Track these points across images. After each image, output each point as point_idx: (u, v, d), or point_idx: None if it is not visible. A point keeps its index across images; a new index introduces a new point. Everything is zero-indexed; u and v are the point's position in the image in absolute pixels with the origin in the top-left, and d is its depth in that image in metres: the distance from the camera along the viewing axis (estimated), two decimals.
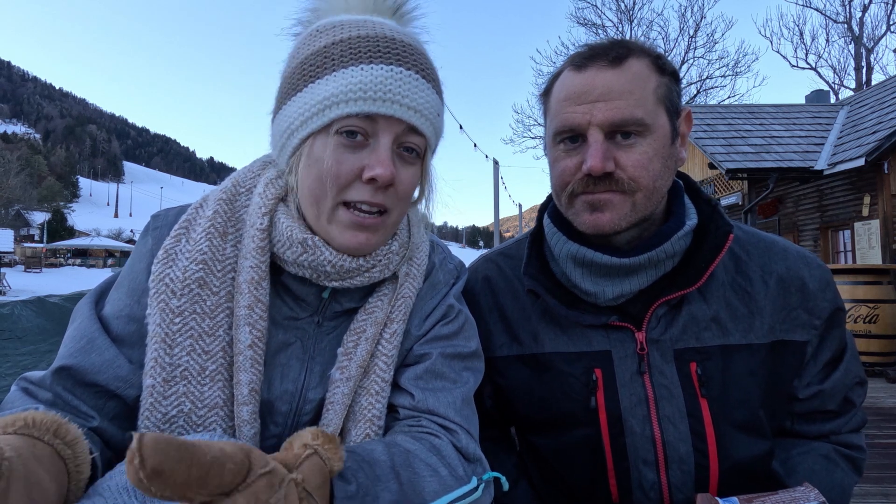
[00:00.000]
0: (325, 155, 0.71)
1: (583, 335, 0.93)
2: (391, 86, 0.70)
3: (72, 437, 0.56)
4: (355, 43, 0.72)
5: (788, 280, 0.92)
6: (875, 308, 6.18)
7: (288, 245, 0.74)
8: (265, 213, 0.76)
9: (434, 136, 0.78)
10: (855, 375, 0.96)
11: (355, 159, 0.71)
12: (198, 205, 0.81)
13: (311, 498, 0.51)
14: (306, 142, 0.73)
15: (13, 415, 0.54)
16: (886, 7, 23.08)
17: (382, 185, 0.71)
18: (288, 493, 0.48)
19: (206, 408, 0.71)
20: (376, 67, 0.70)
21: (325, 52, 0.73)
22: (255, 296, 0.73)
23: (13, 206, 73.59)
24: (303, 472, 0.52)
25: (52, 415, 0.56)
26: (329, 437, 0.58)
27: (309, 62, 0.74)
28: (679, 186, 0.99)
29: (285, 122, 0.75)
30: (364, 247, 0.74)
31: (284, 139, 0.76)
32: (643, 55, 0.87)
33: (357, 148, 0.71)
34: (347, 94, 0.69)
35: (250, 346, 0.72)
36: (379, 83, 0.69)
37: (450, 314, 0.86)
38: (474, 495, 0.70)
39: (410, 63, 0.73)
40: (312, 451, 0.55)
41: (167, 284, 0.73)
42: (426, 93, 0.74)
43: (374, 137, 0.72)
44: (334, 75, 0.71)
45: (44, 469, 0.50)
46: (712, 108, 12.13)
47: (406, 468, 0.67)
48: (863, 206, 8.94)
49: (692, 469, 0.86)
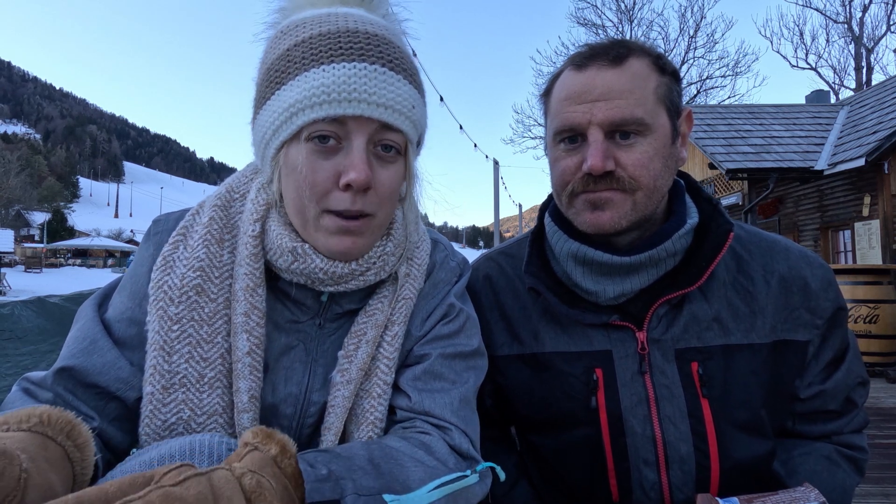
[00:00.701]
0: (298, 163, 0.69)
1: (583, 334, 0.93)
2: (356, 84, 0.67)
3: (83, 439, 0.56)
4: (316, 42, 0.69)
5: (790, 279, 0.92)
6: (875, 308, 6.18)
7: (279, 253, 0.74)
8: (257, 220, 0.76)
9: (412, 129, 0.73)
10: (857, 375, 0.95)
11: (330, 165, 0.69)
12: (195, 211, 0.81)
13: (255, 473, 0.52)
14: (281, 151, 0.71)
15: (28, 410, 0.54)
16: (886, 7, 23.08)
17: (359, 189, 0.68)
18: (213, 475, 0.48)
19: (205, 415, 0.71)
20: (338, 66, 0.67)
21: (287, 55, 0.70)
22: (252, 303, 0.73)
23: (13, 206, 73.58)
24: (243, 463, 0.53)
25: (66, 414, 0.56)
26: (266, 433, 0.59)
27: (274, 67, 0.71)
28: (680, 186, 0.98)
29: (260, 131, 0.74)
30: (351, 251, 0.73)
31: (262, 148, 0.75)
32: (643, 55, 0.87)
33: (330, 153, 0.69)
34: (311, 98, 0.67)
35: (248, 353, 0.72)
36: (342, 83, 0.66)
37: (451, 313, 0.85)
38: (466, 481, 0.69)
39: (375, 56, 0.69)
40: (253, 448, 0.56)
41: (165, 292, 0.72)
42: (396, 86, 0.70)
43: (346, 140, 0.69)
44: (297, 80, 0.68)
45: (55, 472, 0.50)
46: (712, 108, 12.13)
47: (387, 460, 0.66)
48: (863, 207, 8.93)
49: (693, 469, 0.86)
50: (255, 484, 0.50)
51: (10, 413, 0.53)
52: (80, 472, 0.55)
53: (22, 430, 0.51)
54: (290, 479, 0.56)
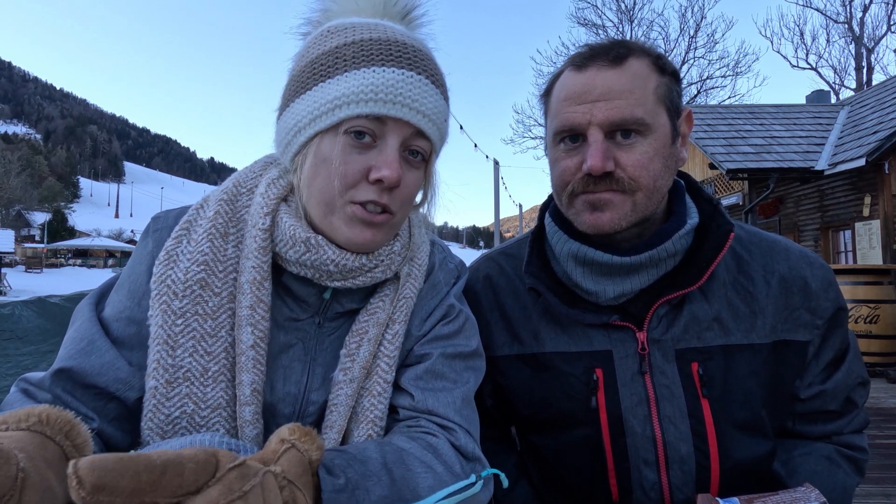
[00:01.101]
0: (332, 154, 0.71)
1: (584, 335, 0.93)
2: (402, 89, 0.71)
3: (82, 439, 0.55)
4: (367, 45, 0.73)
5: (791, 280, 0.92)
6: (876, 308, 6.18)
7: (291, 244, 0.74)
8: (267, 213, 0.76)
9: (440, 140, 0.79)
10: (857, 376, 0.95)
11: (362, 160, 0.72)
12: (198, 206, 0.81)
13: (293, 485, 0.51)
14: (313, 140, 0.73)
15: (27, 409, 0.54)
16: (887, 7, 23.09)
17: (388, 186, 0.71)
18: (265, 482, 0.47)
19: (209, 409, 0.71)
20: (388, 70, 0.71)
21: (336, 52, 0.73)
22: (258, 296, 0.73)
23: (14, 206, 73.68)
24: (281, 464, 0.52)
25: (65, 413, 0.56)
26: (305, 431, 0.57)
27: (320, 61, 0.74)
28: (680, 186, 0.98)
29: (293, 119, 0.75)
30: (369, 244, 0.74)
31: (291, 136, 0.76)
32: (643, 55, 0.87)
33: (364, 149, 0.72)
34: (359, 94, 0.70)
35: (252, 346, 0.72)
36: (390, 86, 0.70)
37: (450, 314, 0.86)
38: (472, 490, 0.69)
39: (421, 68, 0.74)
40: (290, 445, 0.55)
41: (169, 286, 0.72)
42: (434, 98, 0.74)
43: (381, 139, 0.72)
44: (346, 76, 0.71)
45: (53, 472, 0.50)
46: (713, 108, 12.13)
47: (399, 465, 0.67)
48: (863, 207, 8.93)
49: (693, 469, 0.86)
50: (292, 501, 0.50)
51: (9, 413, 0.53)
52: None
53: (21, 429, 0.51)
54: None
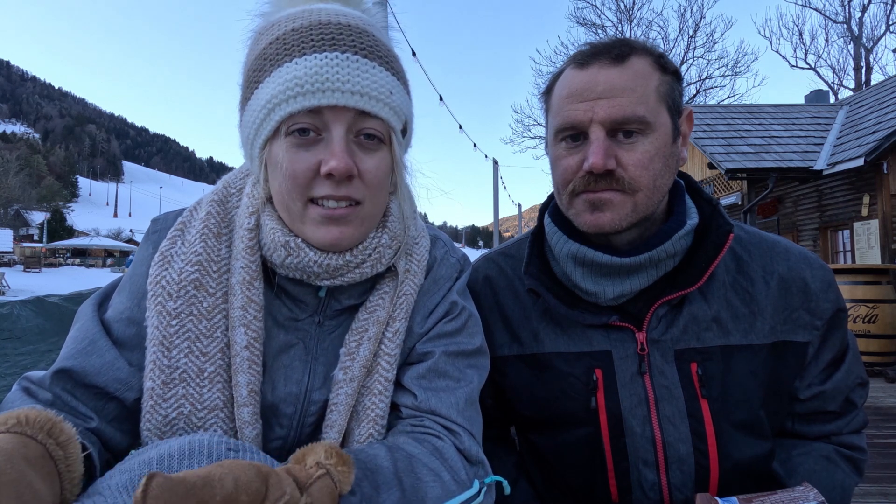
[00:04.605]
0: (280, 158, 0.69)
1: (583, 335, 0.93)
2: (327, 73, 0.66)
3: (65, 437, 0.55)
4: (288, 38, 0.70)
5: (790, 280, 0.91)
6: (874, 308, 6.18)
7: (273, 248, 0.74)
8: (252, 213, 0.76)
9: (393, 116, 0.72)
10: (856, 376, 0.95)
11: (310, 156, 0.69)
12: (192, 208, 0.81)
13: None
14: (265, 149, 0.72)
15: (6, 413, 0.54)
16: (886, 7, 23.11)
17: (341, 177, 0.68)
18: None
19: (205, 409, 0.71)
20: (309, 58, 0.67)
21: (263, 54, 0.71)
22: (248, 296, 0.73)
23: (12, 205, 73.53)
24: (312, 494, 0.52)
25: (46, 413, 0.55)
26: (343, 458, 0.58)
27: (252, 68, 0.73)
28: (680, 186, 0.98)
29: (244, 132, 0.75)
30: (340, 240, 0.72)
31: (248, 149, 0.75)
32: (645, 53, 0.87)
33: (311, 144, 0.69)
34: (285, 92, 0.67)
35: (246, 346, 0.72)
36: (313, 74, 0.66)
37: (453, 311, 0.85)
38: (476, 501, 0.70)
39: (346, 45, 0.69)
40: (325, 472, 0.55)
41: (163, 287, 0.72)
42: (370, 73, 0.69)
43: (326, 131, 0.69)
44: (272, 76, 0.69)
45: (34, 470, 0.50)
46: (712, 107, 12.13)
47: (409, 474, 0.67)
48: (862, 206, 8.94)
49: (692, 469, 0.86)
50: None
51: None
52: (65, 470, 0.55)
53: (0, 432, 0.51)
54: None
